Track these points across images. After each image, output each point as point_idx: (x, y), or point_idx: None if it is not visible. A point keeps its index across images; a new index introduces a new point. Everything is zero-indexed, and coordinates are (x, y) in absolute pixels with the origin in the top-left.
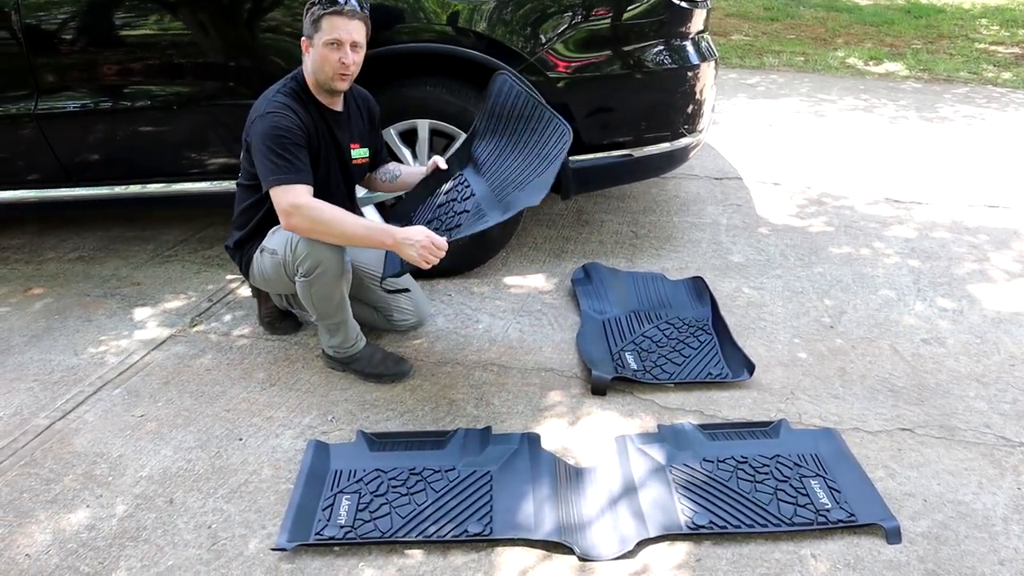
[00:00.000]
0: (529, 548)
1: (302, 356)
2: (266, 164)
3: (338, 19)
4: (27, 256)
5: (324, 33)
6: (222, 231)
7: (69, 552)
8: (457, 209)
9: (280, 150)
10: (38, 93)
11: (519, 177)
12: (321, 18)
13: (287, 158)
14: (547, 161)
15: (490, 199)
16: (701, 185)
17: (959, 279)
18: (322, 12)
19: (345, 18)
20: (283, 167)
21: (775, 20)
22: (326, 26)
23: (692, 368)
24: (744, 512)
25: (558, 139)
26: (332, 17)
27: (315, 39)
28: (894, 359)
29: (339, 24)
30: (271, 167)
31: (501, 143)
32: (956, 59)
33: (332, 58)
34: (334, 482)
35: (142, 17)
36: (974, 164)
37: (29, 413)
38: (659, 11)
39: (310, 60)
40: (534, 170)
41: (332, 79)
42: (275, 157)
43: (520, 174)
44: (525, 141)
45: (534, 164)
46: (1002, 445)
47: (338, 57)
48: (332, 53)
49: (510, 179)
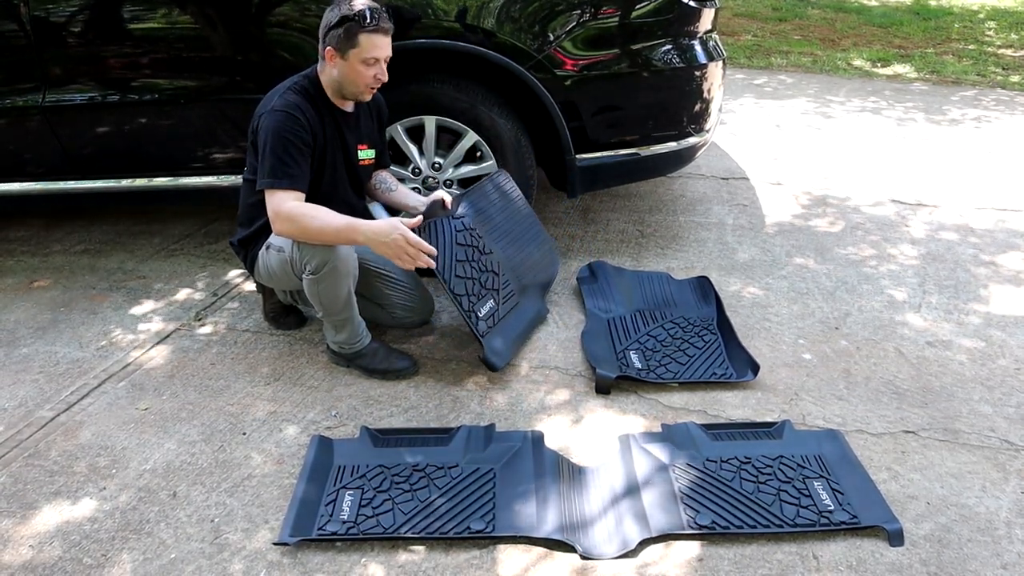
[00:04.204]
0: (531, 546)
1: (306, 351)
2: (264, 163)
3: (378, 37)
4: (33, 248)
5: (363, 50)
6: (228, 225)
7: (72, 544)
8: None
9: (281, 152)
10: (46, 86)
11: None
12: (358, 34)
13: (286, 161)
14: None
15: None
16: (707, 185)
17: (965, 282)
18: (360, 29)
19: (383, 35)
20: (279, 170)
21: (783, 20)
22: (365, 43)
23: (696, 368)
24: (747, 513)
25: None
26: (372, 35)
27: (349, 54)
28: (899, 361)
29: (379, 43)
30: (268, 168)
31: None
32: (964, 61)
33: (368, 74)
34: (337, 477)
35: (149, 11)
36: (982, 167)
37: (34, 405)
38: (667, 10)
39: (337, 71)
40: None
41: (362, 92)
42: (274, 159)
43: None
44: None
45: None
46: (1006, 449)
47: (374, 73)
48: (369, 69)
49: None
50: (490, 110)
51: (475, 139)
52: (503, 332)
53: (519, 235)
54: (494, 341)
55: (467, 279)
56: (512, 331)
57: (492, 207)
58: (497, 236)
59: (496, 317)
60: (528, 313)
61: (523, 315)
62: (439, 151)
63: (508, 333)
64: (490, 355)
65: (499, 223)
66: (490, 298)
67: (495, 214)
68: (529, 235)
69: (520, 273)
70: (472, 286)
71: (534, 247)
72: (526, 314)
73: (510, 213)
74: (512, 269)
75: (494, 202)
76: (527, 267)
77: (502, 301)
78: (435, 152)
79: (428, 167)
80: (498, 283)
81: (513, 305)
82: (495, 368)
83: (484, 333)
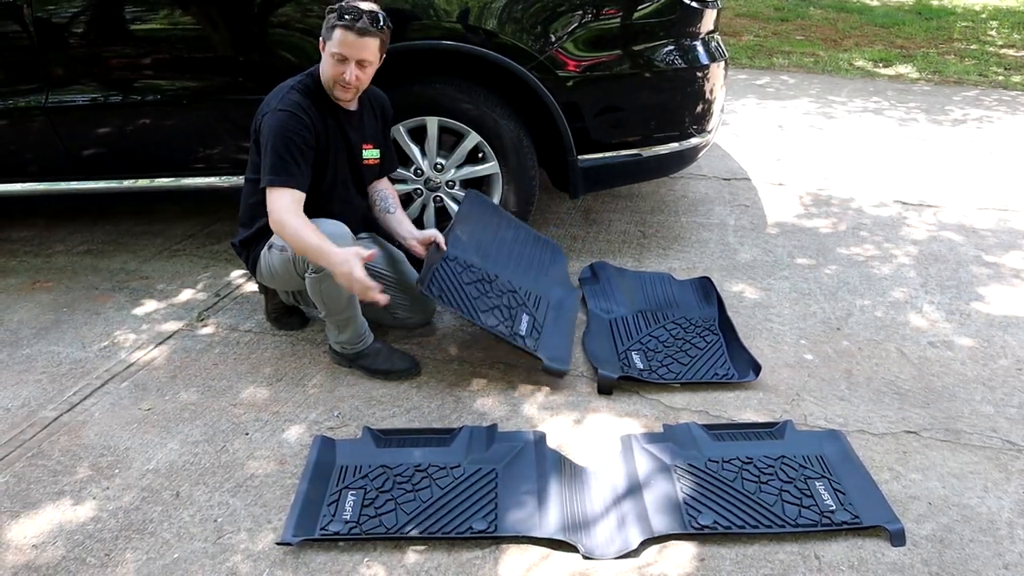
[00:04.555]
0: (533, 546)
1: (309, 352)
2: (266, 162)
3: (348, 35)
4: (36, 249)
5: (333, 43)
6: (230, 226)
7: (76, 543)
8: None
9: (283, 151)
10: (48, 86)
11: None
12: (335, 28)
13: (287, 160)
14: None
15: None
16: (709, 185)
17: (967, 282)
18: (336, 23)
19: (354, 35)
20: (280, 169)
21: (785, 21)
22: (336, 37)
23: (698, 368)
24: (748, 513)
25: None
26: (343, 31)
27: (327, 45)
28: (901, 362)
29: (348, 40)
30: (269, 166)
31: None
32: (967, 62)
33: (335, 70)
34: (340, 478)
35: (152, 12)
36: (984, 167)
37: (37, 405)
38: (670, 11)
39: (322, 61)
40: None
41: (332, 87)
42: (276, 157)
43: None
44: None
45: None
46: (1008, 449)
47: (340, 71)
48: (337, 65)
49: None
50: (492, 111)
51: (477, 140)
52: (552, 336)
53: (511, 244)
54: (548, 349)
55: (493, 309)
56: (560, 331)
57: (476, 230)
58: (494, 256)
59: (538, 326)
60: (564, 306)
61: (561, 311)
62: (441, 152)
63: (557, 335)
64: (551, 364)
65: (489, 243)
66: (522, 313)
67: (482, 236)
68: (519, 239)
69: (533, 276)
70: (501, 313)
71: (528, 247)
72: (563, 309)
73: (494, 228)
74: (524, 277)
75: (476, 225)
76: (535, 268)
77: (535, 309)
78: (437, 153)
79: (430, 168)
80: (520, 298)
81: (547, 306)
82: (562, 374)
83: (535, 348)
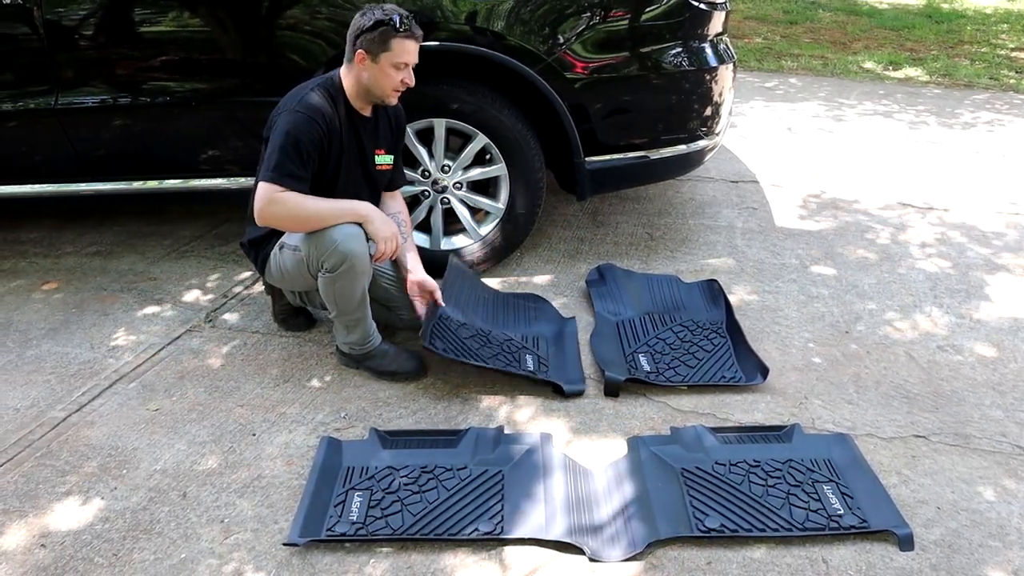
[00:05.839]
0: (539, 548)
1: (316, 353)
2: (271, 158)
3: (410, 43)
4: (45, 250)
5: (394, 55)
6: (238, 227)
7: (83, 543)
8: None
9: (291, 151)
10: (58, 88)
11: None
12: (392, 39)
13: (292, 160)
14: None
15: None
16: (717, 188)
17: (976, 286)
18: (395, 34)
19: (415, 41)
20: (282, 167)
21: (794, 23)
22: (397, 48)
23: (705, 371)
24: (755, 516)
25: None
26: (405, 40)
27: (381, 57)
28: (909, 365)
29: (410, 48)
30: (273, 163)
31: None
32: (977, 65)
33: (396, 77)
34: (346, 479)
35: (161, 14)
36: (994, 170)
37: (46, 405)
38: (678, 13)
39: (367, 74)
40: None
41: (388, 95)
42: (282, 156)
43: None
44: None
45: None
46: (1018, 454)
47: (401, 78)
48: (397, 73)
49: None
50: (499, 112)
51: (485, 142)
52: (562, 362)
53: (494, 303)
54: (562, 375)
55: (497, 356)
56: (566, 356)
57: (461, 296)
58: (483, 315)
59: (544, 361)
60: (564, 335)
61: (561, 340)
62: (448, 153)
63: (565, 360)
64: (568, 387)
65: (475, 305)
66: (525, 354)
67: (468, 299)
68: (500, 298)
69: (524, 324)
70: (506, 358)
71: (511, 301)
72: (563, 337)
73: (477, 291)
74: (516, 327)
75: (459, 291)
76: (523, 317)
77: (534, 348)
78: (444, 154)
79: (437, 169)
80: (518, 342)
81: (546, 343)
82: (581, 393)
83: (549, 376)
